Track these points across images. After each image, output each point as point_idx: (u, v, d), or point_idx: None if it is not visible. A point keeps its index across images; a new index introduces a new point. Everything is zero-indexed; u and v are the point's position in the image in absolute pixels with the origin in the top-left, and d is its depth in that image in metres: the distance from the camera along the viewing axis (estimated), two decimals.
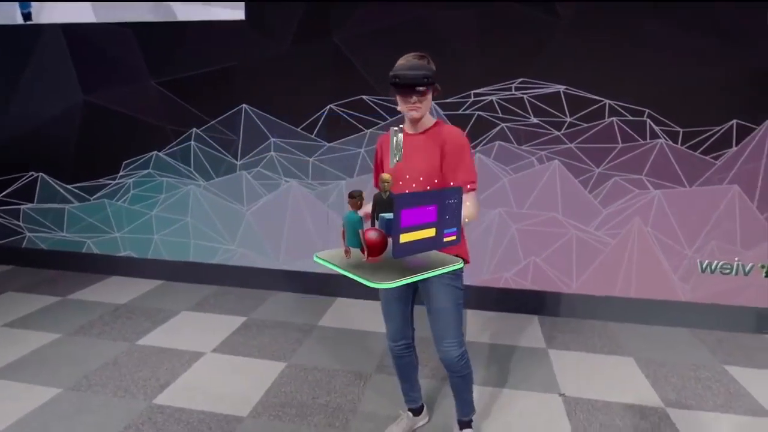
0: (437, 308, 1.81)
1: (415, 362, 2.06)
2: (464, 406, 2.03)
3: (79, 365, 2.64)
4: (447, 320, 1.81)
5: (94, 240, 4.07)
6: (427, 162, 1.69)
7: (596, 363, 2.81)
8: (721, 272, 3.14)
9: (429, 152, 1.70)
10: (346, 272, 1.00)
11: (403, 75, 1.59)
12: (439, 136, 1.71)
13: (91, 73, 3.76)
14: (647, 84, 3.04)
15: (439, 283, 1.77)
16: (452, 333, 1.82)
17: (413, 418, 2.15)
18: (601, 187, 3.21)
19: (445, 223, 1.10)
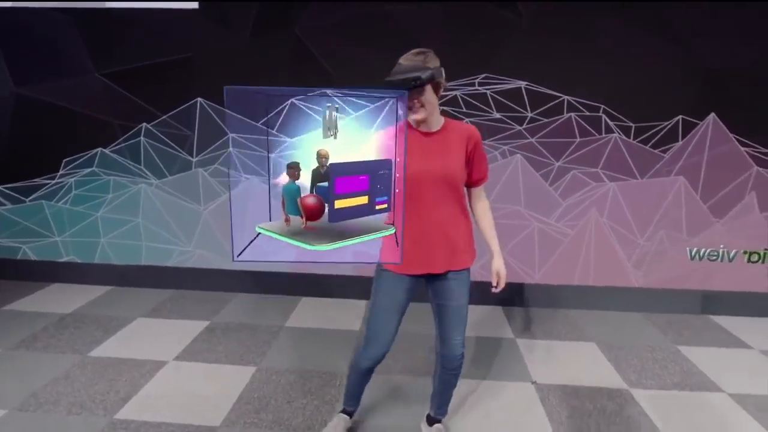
0: (456, 305, 1.77)
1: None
2: (443, 405, 2.04)
3: (25, 383, 2.41)
4: (462, 317, 1.79)
5: (31, 245, 3.73)
6: (457, 163, 1.67)
7: (562, 350, 2.91)
8: (709, 259, 3.35)
9: (455, 152, 1.68)
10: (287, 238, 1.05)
11: (391, 80, 1.54)
12: (460, 134, 1.70)
13: (23, 63, 3.43)
14: (602, 81, 3.17)
15: (458, 279, 1.75)
16: (463, 330, 1.81)
17: (348, 419, 2.08)
18: (560, 180, 3.33)
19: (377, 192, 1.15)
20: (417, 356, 2.72)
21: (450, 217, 1.69)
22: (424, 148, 1.64)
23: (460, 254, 1.74)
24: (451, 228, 1.70)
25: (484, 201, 1.85)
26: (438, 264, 1.71)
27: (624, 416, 2.26)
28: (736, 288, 3.38)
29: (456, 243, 1.72)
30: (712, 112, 3.17)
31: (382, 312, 1.76)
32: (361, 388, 2.00)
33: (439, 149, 1.66)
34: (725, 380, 2.58)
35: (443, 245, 1.69)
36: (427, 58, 1.59)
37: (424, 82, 1.53)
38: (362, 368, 1.86)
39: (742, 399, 2.42)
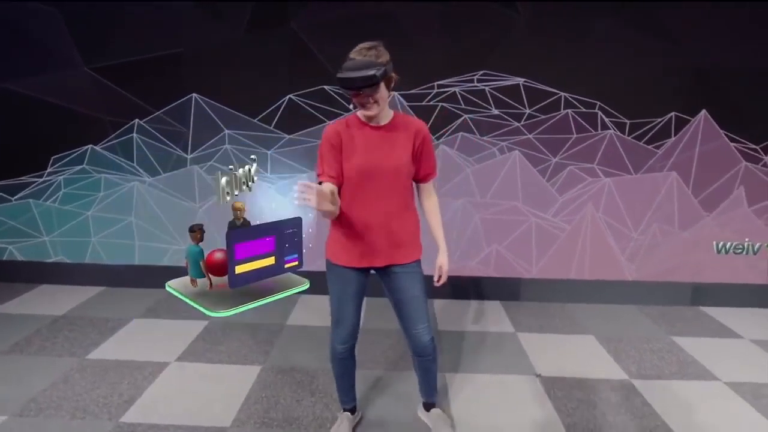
0: (410, 296, 1.80)
1: (355, 360, 2.00)
2: (431, 389, 2.07)
3: (22, 387, 2.33)
4: (420, 306, 1.82)
5: (18, 245, 3.61)
6: (403, 157, 1.69)
7: (562, 343, 2.96)
8: (735, 252, 3.42)
9: (402, 146, 1.70)
10: (189, 301, 1.05)
11: (345, 78, 1.52)
12: (408, 128, 1.71)
13: (7, 57, 3.31)
14: (598, 79, 3.22)
15: (405, 272, 1.79)
16: (425, 318, 1.84)
17: (351, 417, 2.09)
18: (557, 176, 3.38)
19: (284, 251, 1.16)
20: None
21: (394, 211, 1.72)
22: (370, 142, 1.67)
23: (404, 248, 1.77)
24: (395, 222, 1.73)
25: (433, 197, 1.88)
26: (379, 258, 1.75)
27: (629, 406, 2.31)
28: (724, 280, 3.48)
29: (399, 237, 1.75)
30: (703, 109, 3.25)
31: (338, 300, 1.83)
32: (349, 381, 2.03)
33: (385, 143, 1.68)
34: (720, 369, 2.66)
35: (385, 239, 1.72)
36: (379, 52, 1.57)
37: (379, 80, 1.52)
38: (337, 352, 1.90)
39: (737, 387, 2.50)
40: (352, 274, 1.78)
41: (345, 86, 1.56)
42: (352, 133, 1.68)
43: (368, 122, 1.68)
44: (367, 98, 1.57)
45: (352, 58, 1.55)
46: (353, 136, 1.68)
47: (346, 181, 1.69)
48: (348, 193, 1.69)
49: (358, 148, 1.66)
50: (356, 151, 1.66)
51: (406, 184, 1.74)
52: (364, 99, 1.58)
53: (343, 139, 1.67)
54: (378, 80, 1.51)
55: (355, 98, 1.60)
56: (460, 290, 3.52)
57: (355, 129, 1.69)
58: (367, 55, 1.55)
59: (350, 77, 1.51)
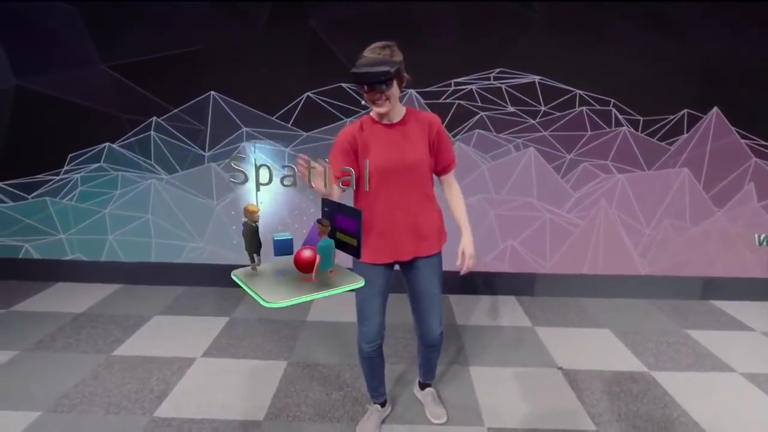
0: (427, 290, 1.85)
1: (383, 359, 2.01)
2: (431, 372, 2.19)
3: (53, 384, 2.35)
4: (435, 301, 1.88)
5: (34, 243, 3.61)
6: (420, 151, 1.72)
7: (579, 336, 3.01)
8: None
9: (417, 141, 1.72)
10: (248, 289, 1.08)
11: (361, 73, 1.55)
12: (421, 123, 1.74)
13: (25, 55, 3.30)
14: (612, 76, 3.27)
15: (427, 265, 1.83)
16: (438, 312, 1.90)
17: (381, 409, 2.13)
18: (572, 173, 3.42)
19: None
20: None
21: (416, 205, 1.74)
22: (386, 140, 1.70)
23: (427, 240, 1.80)
24: (418, 216, 1.75)
25: (455, 186, 1.89)
26: (405, 252, 1.79)
27: (650, 397, 2.36)
28: (734, 274, 3.55)
29: (423, 230, 1.78)
30: (715, 107, 3.31)
31: (364, 297, 1.85)
32: (377, 377, 2.06)
33: (401, 139, 1.71)
34: (735, 361, 2.73)
35: (410, 233, 1.76)
36: (393, 51, 1.61)
37: (392, 77, 1.55)
38: (363, 351, 1.92)
39: (753, 378, 2.56)
40: (378, 271, 1.80)
41: (359, 81, 1.57)
42: (366, 134, 1.71)
43: (381, 121, 1.71)
44: (380, 95, 1.60)
45: (366, 56, 1.59)
46: (368, 136, 1.71)
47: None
48: (369, 192, 1.71)
49: (374, 148, 1.69)
50: (372, 150, 1.69)
51: (425, 178, 1.77)
52: (377, 96, 1.60)
53: (358, 141, 1.70)
54: (392, 76, 1.54)
55: (368, 95, 1.62)
56: (475, 285, 3.57)
57: (369, 130, 1.72)
58: (381, 53, 1.59)
59: (365, 72, 1.54)
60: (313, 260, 1.11)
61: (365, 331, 1.88)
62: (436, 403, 2.21)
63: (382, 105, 1.62)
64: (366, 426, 2.06)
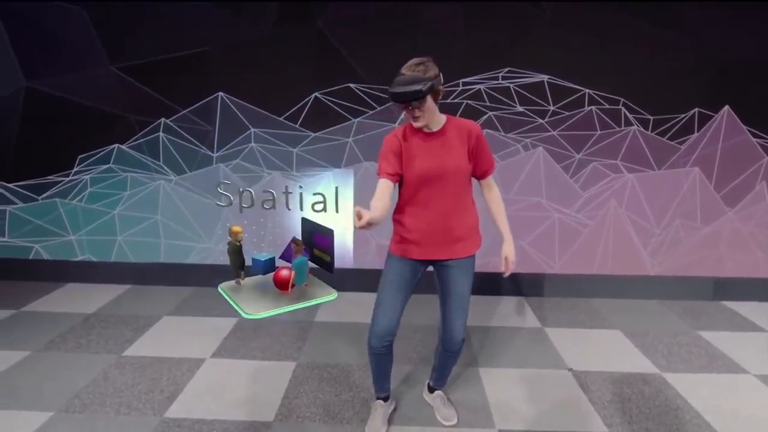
0: (459, 292, 1.88)
1: (392, 356, 2.01)
2: (443, 378, 2.20)
3: (65, 384, 2.37)
4: (465, 304, 1.90)
5: (44, 244, 3.64)
6: (460, 159, 1.79)
7: (590, 337, 2.99)
8: None
9: (457, 149, 1.79)
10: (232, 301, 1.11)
11: (394, 93, 1.64)
12: (461, 131, 1.80)
13: (35, 57, 3.33)
14: (622, 75, 3.24)
15: (459, 267, 1.87)
16: (465, 316, 1.92)
17: (384, 404, 2.15)
18: (581, 173, 3.40)
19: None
20: None
21: (453, 209, 1.81)
22: (426, 148, 1.78)
23: (461, 242, 1.86)
24: (454, 219, 1.81)
25: (494, 191, 1.96)
26: (439, 252, 1.85)
27: (662, 399, 2.34)
28: (746, 274, 3.51)
29: (458, 233, 1.84)
30: (726, 105, 3.27)
31: (387, 287, 1.88)
32: (383, 373, 2.06)
33: (440, 148, 1.78)
34: (748, 362, 2.70)
35: (445, 235, 1.82)
36: (427, 67, 1.67)
37: (424, 95, 1.63)
38: (373, 347, 1.91)
39: (767, 379, 2.53)
40: (407, 267, 1.87)
41: (394, 100, 1.67)
42: (409, 141, 1.80)
43: (422, 130, 1.79)
44: (414, 111, 1.69)
45: (403, 74, 1.66)
46: (411, 144, 1.80)
47: (407, 185, 1.82)
48: (408, 196, 1.83)
49: (416, 155, 1.78)
50: (415, 158, 1.78)
51: (464, 184, 1.83)
52: (412, 111, 1.69)
53: (402, 147, 1.80)
54: (423, 95, 1.62)
55: (405, 110, 1.71)
56: (484, 286, 3.55)
57: (412, 137, 1.80)
58: (416, 70, 1.65)
59: (398, 92, 1.63)
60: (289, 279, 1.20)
61: (378, 323, 1.88)
62: (446, 406, 2.20)
63: (418, 120, 1.72)
64: (374, 425, 2.07)
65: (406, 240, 1.85)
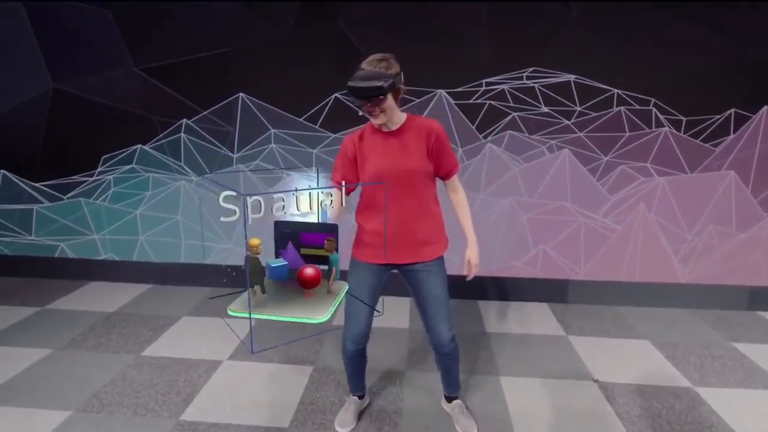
0: (433, 294, 1.85)
1: (366, 358, 2.06)
2: (453, 383, 2.14)
3: (84, 383, 2.38)
4: (442, 305, 1.86)
5: (69, 243, 3.70)
6: (417, 159, 1.73)
7: (616, 347, 2.87)
8: None
9: (414, 148, 1.74)
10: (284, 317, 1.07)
11: (354, 87, 1.58)
12: (420, 130, 1.74)
13: (61, 58, 3.38)
14: (653, 74, 3.11)
15: (427, 271, 1.83)
16: (447, 316, 1.88)
17: (359, 401, 2.18)
18: (608, 175, 3.28)
19: None
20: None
21: (414, 210, 1.76)
22: (383, 148, 1.73)
23: (426, 246, 1.82)
24: (417, 222, 1.77)
25: (459, 191, 1.90)
26: (401, 255, 1.80)
27: (695, 415, 2.22)
28: None
29: (421, 236, 1.79)
30: (765, 106, 3.11)
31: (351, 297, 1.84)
32: (358, 374, 2.09)
33: (397, 147, 1.73)
34: None
35: (406, 238, 1.77)
36: (390, 64, 1.63)
37: (385, 92, 1.57)
38: (347, 350, 1.93)
39: None
40: (371, 270, 1.83)
41: (353, 95, 1.61)
42: (366, 142, 1.76)
43: (381, 129, 1.74)
44: (374, 108, 1.63)
45: (363, 69, 1.61)
46: (367, 144, 1.75)
47: (365, 187, 1.79)
48: (367, 198, 1.79)
49: (372, 155, 1.73)
50: (370, 158, 1.74)
51: (425, 185, 1.78)
52: (372, 108, 1.64)
53: (357, 148, 1.76)
54: (384, 92, 1.57)
55: (364, 107, 1.66)
56: (506, 291, 3.46)
57: (369, 137, 1.76)
58: (378, 66, 1.61)
59: (358, 86, 1.57)
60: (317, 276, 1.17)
61: (351, 330, 1.89)
62: (464, 415, 2.14)
63: (377, 117, 1.67)
64: (345, 417, 2.11)
65: (367, 244, 1.81)
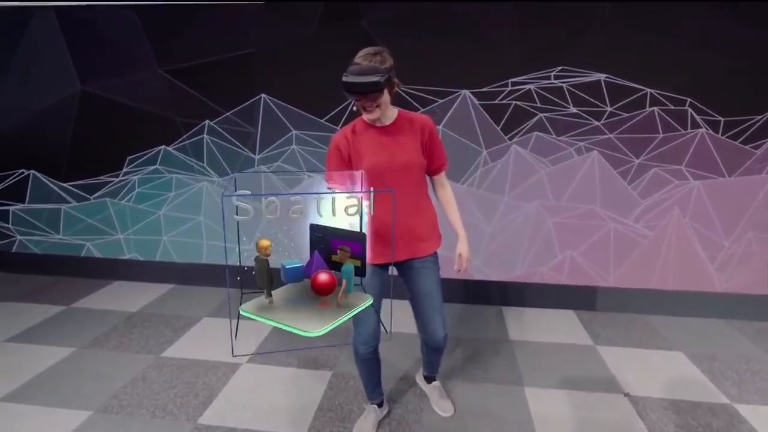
0: (427, 291, 1.84)
1: (380, 360, 2.00)
2: (434, 367, 2.23)
3: (105, 383, 2.40)
4: (436, 302, 1.86)
5: (95, 242, 3.76)
6: (412, 153, 1.74)
7: (648, 359, 2.74)
8: None
9: (409, 143, 1.74)
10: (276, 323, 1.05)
11: (350, 83, 1.55)
12: (413, 125, 1.75)
13: (89, 60, 3.43)
14: (689, 73, 2.96)
15: (424, 267, 1.83)
16: (441, 313, 1.88)
17: (378, 410, 2.13)
18: (640, 179, 3.14)
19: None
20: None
21: (410, 207, 1.75)
22: (378, 143, 1.72)
23: (422, 242, 1.82)
24: (413, 218, 1.77)
25: (446, 188, 1.92)
26: (400, 252, 1.79)
27: None
28: None
29: (417, 231, 1.80)
30: None
31: None
32: (374, 378, 2.04)
33: (392, 142, 1.72)
34: None
35: (404, 235, 1.76)
36: (383, 58, 1.62)
37: (382, 86, 1.56)
38: (360, 353, 1.89)
39: None
40: (372, 271, 1.77)
41: (349, 90, 1.58)
42: (358, 137, 1.74)
43: (373, 124, 1.73)
44: (370, 103, 1.62)
45: (357, 63, 1.59)
46: (360, 140, 1.74)
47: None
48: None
49: (366, 151, 1.72)
50: (364, 154, 1.72)
51: (419, 180, 1.79)
52: (367, 103, 1.62)
53: (350, 144, 1.73)
54: (381, 87, 1.56)
55: (358, 102, 1.64)
56: (530, 297, 3.36)
57: (362, 133, 1.74)
58: (372, 60, 1.59)
59: (354, 82, 1.55)
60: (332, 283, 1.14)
61: (361, 333, 1.86)
62: (443, 397, 2.21)
63: (372, 112, 1.65)
64: (363, 425, 2.06)
65: None
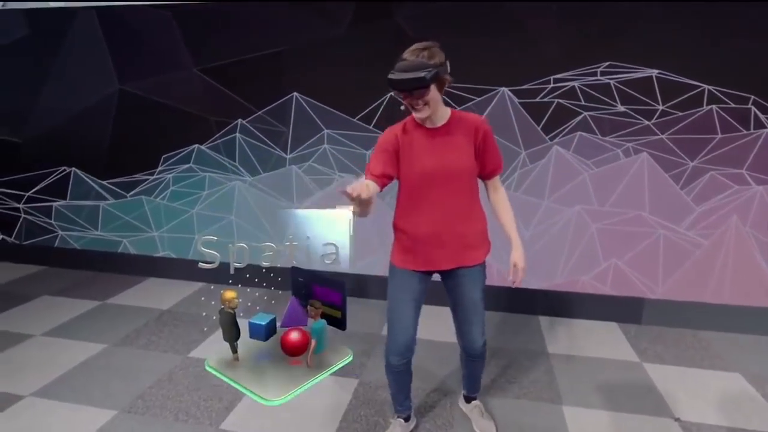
0: (472, 299, 1.76)
1: (411, 373, 1.92)
2: (475, 384, 2.11)
3: (132, 382, 2.40)
4: (479, 310, 1.79)
5: (131, 239, 3.82)
6: (464, 158, 1.64)
7: (701, 380, 2.51)
8: None
9: (463, 146, 1.64)
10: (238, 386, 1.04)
11: (395, 80, 1.48)
12: (466, 126, 1.65)
13: (127, 60, 3.49)
14: (752, 67, 2.70)
15: (470, 275, 1.74)
16: (482, 322, 1.82)
17: (404, 424, 2.03)
18: (695, 183, 2.90)
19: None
20: None
21: (461, 212, 1.67)
22: (428, 145, 1.62)
23: (471, 250, 1.72)
24: (462, 224, 1.68)
25: (500, 192, 1.81)
26: (445, 261, 1.71)
27: None
28: None
29: (466, 239, 1.70)
30: None
31: (395, 305, 1.76)
32: (403, 391, 1.95)
33: (444, 145, 1.62)
34: None
35: (452, 242, 1.68)
36: (432, 53, 1.51)
37: (428, 83, 1.47)
38: (392, 365, 1.82)
39: None
40: (414, 279, 1.74)
41: (394, 87, 1.52)
42: (410, 137, 1.65)
43: (424, 124, 1.63)
44: (417, 100, 1.53)
45: (405, 59, 1.51)
46: (411, 140, 1.64)
47: (408, 186, 1.66)
48: (409, 200, 1.68)
49: (418, 153, 1.63)
50: (416, 155, 1.63)
51: (470, 184, 1.69)
52: (414, 101, 1.54)
53: (401, 144, 1.64)
54: (427, 83, 1.47)
55: (406, 100, 1.56)
56: (570, 307, 3.17)
57: (413, 133, 1.65)
58: (420, 55, 1.50)
59: (399, 78, 1.48)
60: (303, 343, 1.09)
61: (395, 341, 1.78)
62: (484, 417, 2.09)
63: (420, 110, 1.56)
64: None
65: (408, 249, 1.72)
